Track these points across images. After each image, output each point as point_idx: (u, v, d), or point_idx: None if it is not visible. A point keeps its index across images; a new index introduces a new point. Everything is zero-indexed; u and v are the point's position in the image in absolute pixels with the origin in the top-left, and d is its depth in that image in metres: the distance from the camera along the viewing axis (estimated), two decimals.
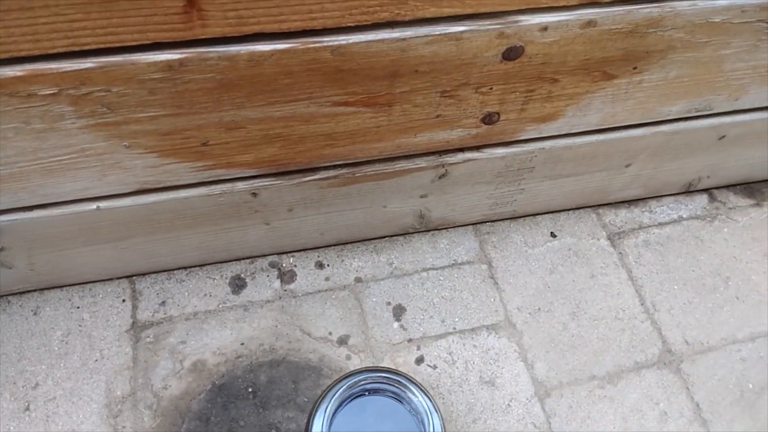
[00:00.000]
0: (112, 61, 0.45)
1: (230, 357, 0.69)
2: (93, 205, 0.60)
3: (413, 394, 0.55)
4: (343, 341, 0.71)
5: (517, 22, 0.50)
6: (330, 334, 0.71)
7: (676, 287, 0.77)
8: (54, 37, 0.43)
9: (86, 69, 0.45)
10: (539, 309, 0.74)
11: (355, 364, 0.70)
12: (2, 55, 0.43)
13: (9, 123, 0.49)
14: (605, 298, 0.75)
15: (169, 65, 0.47)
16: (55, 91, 0.47)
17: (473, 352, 0.71)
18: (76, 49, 0.44)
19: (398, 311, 0.74)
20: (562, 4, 0.50)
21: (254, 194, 0.64)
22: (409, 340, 0.71)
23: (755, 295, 0.77)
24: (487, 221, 0.81)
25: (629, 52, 0.56)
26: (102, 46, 0.44)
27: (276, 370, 0.69)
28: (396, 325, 0.72)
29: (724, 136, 0.73)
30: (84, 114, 0.49)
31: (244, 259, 0.77)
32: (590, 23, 0.52)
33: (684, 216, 0.83)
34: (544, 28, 0.51)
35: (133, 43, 0.45)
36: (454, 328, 0.72)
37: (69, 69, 0.45)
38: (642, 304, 0.75)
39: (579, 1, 0.50)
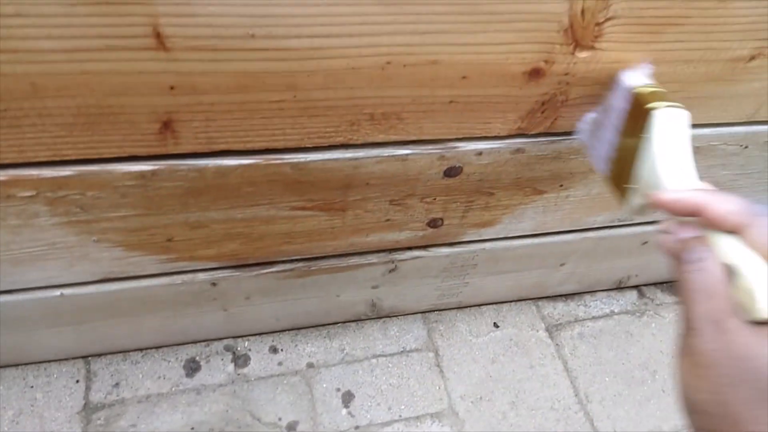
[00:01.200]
0: (90, 170, 0.50)
1: None
2: (57, 292, 0.63)
3: None
4: (291, 427, 0.73)
5: (455, 147, 0.57)
6: (279, 419, 0.74)
7: (607, 379, 0.83)
8: (38, 149, 0.48)
9: (65, 176, 0.50)
10: (481, 398, 0.78)
11: None
12: None
13: None
14: (542, 388, 0.80)
15: (142, 175, 0.52)
16: (33, 193, 0.51)
17: None
18: (57, 159, 0.49)
19: (347, 397, 0.77)
20: (494, 134, 0.57)
21: (214, 284, 0.68)
22: (356, 427, 0.74)
23: None
24: (435, 310, 0.86)
25: (555, 173, 0.64)
26: (81, 157, 0.49)
27: None
28: (344, 411, 0.75)
29: (646, 242, 0.81)
30: (58, 213, 0.53)
31: (200, 341, 0.79)
32: (519, 150, 0.59)
33: (615, 311, 0.90)
34: (479, 153, 0.59)
35: (111, 156, 0.50)
36: (400, 416, 0.76)
37: (48, 176, 0.50)
38: (576, 395, 0.80)
39: (508, 132, 0.57)
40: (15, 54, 0.41)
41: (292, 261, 0.68)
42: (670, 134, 0.44)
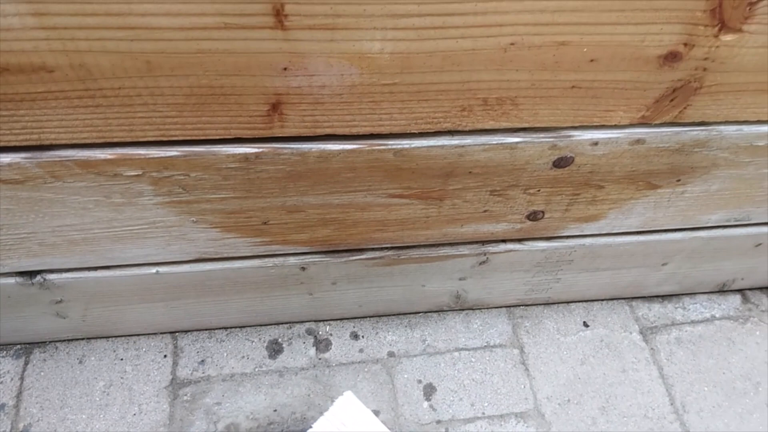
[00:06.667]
0: (196, 151, 0.49)
1: (262, 423, 0.71)
2: (153, 270, 0.63)
3: None
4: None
5: (569, 136, 0.53)
6: None
7: (706, 389, 0.77)
8: (147, 129, 0.47)
9: (171, 156, 0.49)
10: (569, 400, 0.75)
11: None
12: (97, 140, 0.48)
13: (91, 196, 0.53)
14: (635, 394, 0.76)
15: (245, 157, 0.50)
16: (140, 173, 0.51)
17: None
18: (165, 139, 0.48)
19: (429, 390, 0.75)
20: (613, 123, 0.53)
21: (303, 268, 0.67)
22: (438, 422, 0.72)
23: None
24: (521, 305, 0.83)
25: (674, 167, 0.59)
26: (188, 138, 0.48)
27: None
28: (426, 404, 0.74)
29: (760, 244, 0.74)
30: (161, 193, 0.53)
31: (283, 323, 0.79)
32: (639, 141, 0.55)
33: (717, 315, 0.84)
34: (595, 143, 0.54)
35: (217, 138, 0.49)
36: (483, 413, 0.73)
37: (155, 156, 0.49)
38: (672, 404, 0.75)
39: (630, 121, 0.53)
40: (133, 31, 0.40)
41: (382, 249, 0.66)
42: None
